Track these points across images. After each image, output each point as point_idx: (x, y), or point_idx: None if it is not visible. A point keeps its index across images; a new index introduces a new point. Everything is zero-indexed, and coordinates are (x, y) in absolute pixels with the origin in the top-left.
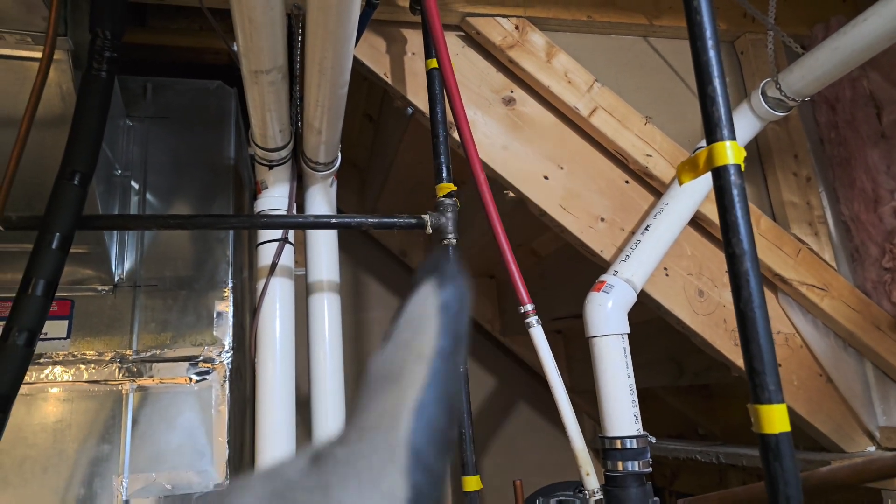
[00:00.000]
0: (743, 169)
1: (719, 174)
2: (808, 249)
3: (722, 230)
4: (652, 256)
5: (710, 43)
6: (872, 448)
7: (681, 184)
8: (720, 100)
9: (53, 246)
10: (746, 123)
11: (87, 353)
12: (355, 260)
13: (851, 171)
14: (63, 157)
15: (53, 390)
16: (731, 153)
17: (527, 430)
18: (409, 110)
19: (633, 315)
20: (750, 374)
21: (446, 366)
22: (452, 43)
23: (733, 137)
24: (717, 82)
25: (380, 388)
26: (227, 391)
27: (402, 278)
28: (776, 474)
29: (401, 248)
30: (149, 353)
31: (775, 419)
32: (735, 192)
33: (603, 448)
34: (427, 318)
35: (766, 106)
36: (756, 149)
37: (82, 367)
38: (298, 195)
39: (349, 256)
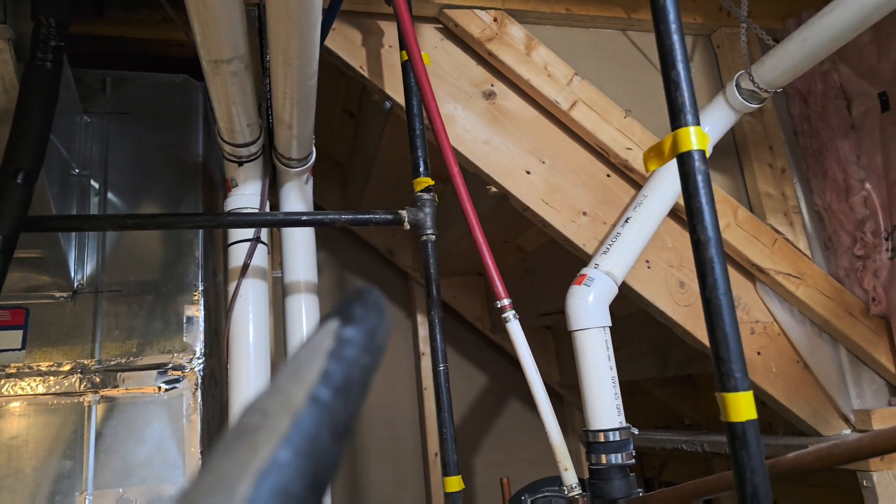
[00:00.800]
0: (708, 155)
1: (684, 160)
2: (783, 239)
3: (687, 216)
4: (632, 249)
5: (673, 27)
6: (848, 431)
7: (647, 171)
8: (684, 84)
9: None
10: (722, 115)
11: (44, 364)
12: (341, 260)
13: (824, 161)
14: (4, 154)
15: (8, 405)
16: (695, 138)
17: (519, 426)
18: (388, 104)
19: (618, 308)
20: (716, 361)
21: (317, 418)
22: (430, 35)
23: (697, 123)
24: (680, 66)
25: (231, 443)
26: (200, 399)
27: (390, 278)
28: (743, 462)
29: (387, 247)
30: (113, 363)
31: (742, 407)
32: (699, 177)
33: (586, 441)
34: (312, 360)
35: (740, 98)
36: (733, 141)
37: (39, 379)
38: (272, 193)
39: (334, 256)
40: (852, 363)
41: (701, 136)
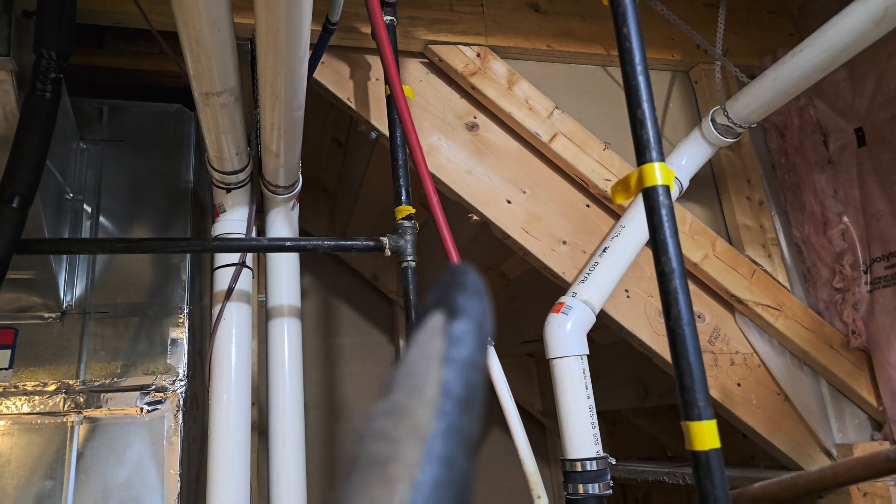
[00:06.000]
0: (672, 189)
1: (649, 194)
2: (762, 271)
3: (652, 249)
4: (609, 278)
5: (638, 69)
6: None
7: (616, 203)
8: (649, 123)
9: None
10: (699, 149)
11: (30, 383)
12: (326, 285)
13: (801, 195)
14: (2, 179)
15: None
16: (659, 174)
17: (503, 454)
18: (373, 134)
19: (600, 337)
20: (680, 390)
21: (448, 440)
22: (416, 69)
23: (661, 159)
24: (645, 106)
25: (363, 478)
26: (181, 421)
27: (374, 303)
28: (707, 490)
29: (372, 272)
30: (97, 383)
31: (705, 436)
32: (664, 211)
33: (564, 471)
34: (427, 368)
35: (715, 132)
36: (711, 174)
37: (24, 398)
38: (259, 219)
39: (320, 281)
40: (834, 396)
41: (665, 171)
